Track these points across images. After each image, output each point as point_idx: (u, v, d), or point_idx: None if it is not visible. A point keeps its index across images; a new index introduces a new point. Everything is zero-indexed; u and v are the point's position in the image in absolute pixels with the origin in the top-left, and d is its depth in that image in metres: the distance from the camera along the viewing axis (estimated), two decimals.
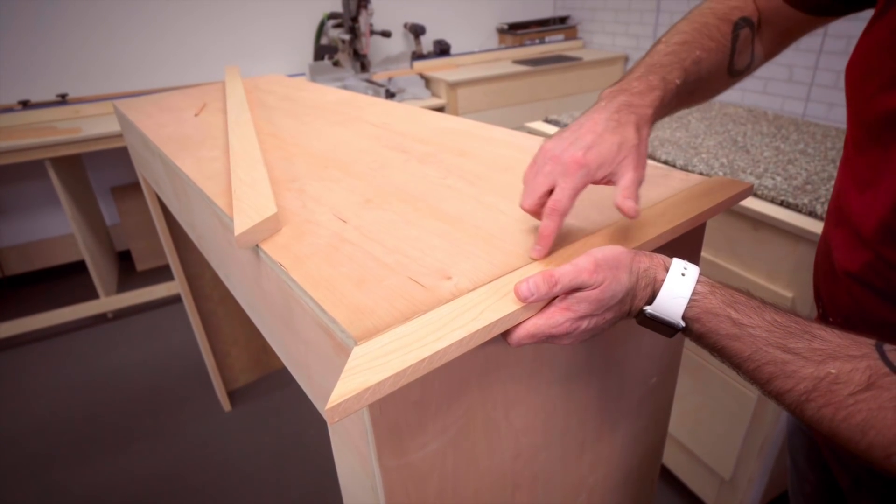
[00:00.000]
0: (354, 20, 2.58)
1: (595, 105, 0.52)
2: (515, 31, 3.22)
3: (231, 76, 1.51)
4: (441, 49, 3.04)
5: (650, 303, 0.44)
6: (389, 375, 0.36)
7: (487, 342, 0.43)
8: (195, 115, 1.18)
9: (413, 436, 0.45)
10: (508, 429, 0.54)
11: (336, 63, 2.72)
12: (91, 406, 1.88)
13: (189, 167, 0.82)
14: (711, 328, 0.42)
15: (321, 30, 2.80)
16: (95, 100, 2.35)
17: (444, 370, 0.44)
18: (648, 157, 1.28)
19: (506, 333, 0.44)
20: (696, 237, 0.67)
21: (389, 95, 2.50)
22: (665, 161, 1.24)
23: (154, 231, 2.55)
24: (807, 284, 0.99)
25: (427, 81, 2.79)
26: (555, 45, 3.24)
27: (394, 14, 2.98)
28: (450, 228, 0.58)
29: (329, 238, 0.57)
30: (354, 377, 0.36)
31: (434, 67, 2.90)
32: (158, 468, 1.62)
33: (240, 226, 0.55)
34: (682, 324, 0.43)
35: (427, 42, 3.11)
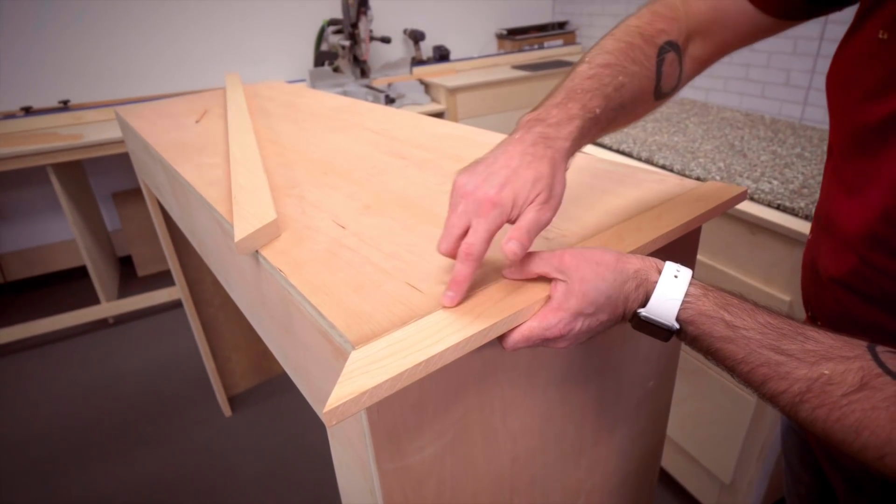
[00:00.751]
0: (354, 26, 2.60)
1: (511, 135, 0.50)
2: (514, 37, 3.24)
3: (232, 83, 1.52)
4: (440, 55, 3.06)
5: (644, 306, 0.44)
6: (386, 379, 0.37)
7: (484, 346, 0.44)
8: (196, 122, 1.19)
9: (411, 439, 0.46)
10: (506, 432, 0.54)
11: (336, 69, 2.73)
12: (92, 411, 1.88)
13: (190, 173, 0.83)
14: (705, 330, 0.42)
15: (321, 36, 2.82)
16: (97, 106, 2.36)
17: (442, 374, 0.45)
18: (646, 161, 1.29)
19: (501, 337, 0.45)
20: (692, 241, 0.68)
21: (389, 101, 2.51)
22: (662, 165, 1.25)
23: (155, 236, 2.55)
24: None
25: (426, 87, 2.81)
26: (554, 51, 3.26)
27: (393, 20, 3.00)
28: None
29: (328, 244, 0.58)
30: (352, 381, 0.37)
31: (433, 73, 2.91)
32: (159, 474, 1.62)
33: (240, 232, 0.56)
34: (677, 326, 0.43)
35: (427, 48, 3.13)
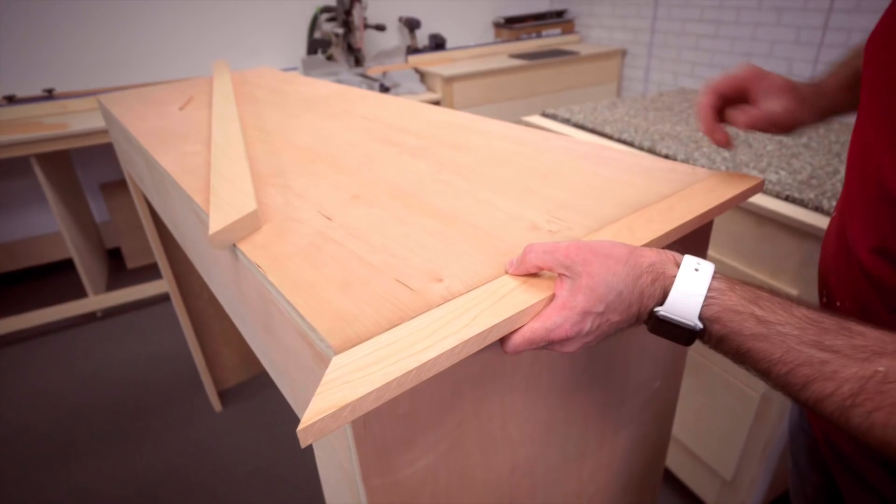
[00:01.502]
0: (348, 14, 2.53)
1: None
2: (512, 25, 3.18)
3: (219, 69, 1.46)
4: (436, 43, 3.00)
5: (661, 304, 0.40)
6: (372, 390, 0.33)
7: (483, 349, 0.39)
8: (180, 109, 1.13)
9: (401, 452, 0.42)
10: (505, 441, 0.50)
11: (330, 57, 2.67)
12: (79, 407, 1.84)
13: (169, 161, 0.78)
14: (733, 329, 0.37)
15: (314, 23, 2.75)
16: (83, 95, 2.30)
17: (436, 380, 0.41)
18: (649, 151, 1.25)
19: (502, 340, 0.41)
20: (703, 235, 0.63)
21: (384, 90, 2.46)
22: (665, 155, 1.21)
23: (144, 228, 2.50)
24: (812, 281, 0.96)
25: (422, 76, 2.75)
26: (552, 40, 3.20)
27: (388, 8, 2.93)
28: (442, 226, 0.54)
29: (312, 237, 0.53)
30: (332, 393, 0.32)
31: (429, 62, 2.85)
32: (148, 470, 1.58)
33: (215, 224, 0.51)
34: (700, 325, 0.38)
35: (422, 36, 3.07)
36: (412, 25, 2.90)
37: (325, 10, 2.71)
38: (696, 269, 0.39)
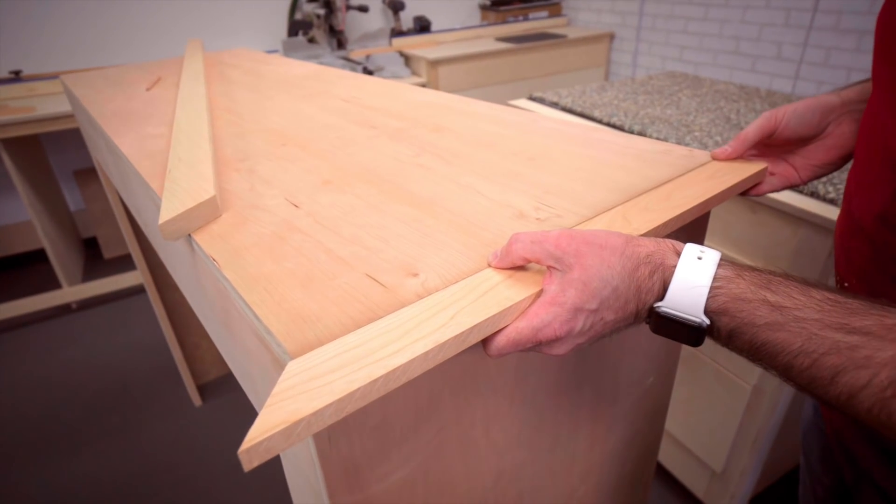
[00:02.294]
0: None
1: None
2: (498, 8, 3.10)
3: (192, 49, 1.39)
4: (421, 26, 2.92)
5: (662, 299, 0.36)
6: (331, 402, 0.28)
7: (464, 351, 0.35)
8: (146, 90, 1.07)
9: (373, 466, 0.38)
10: (489, 447, 0.46)
11: (311, 40, 2.58)
12: (53, 402, 1.78)
13: (128, 145, 0.72)
14: (744, 319, 0.33)
15: (295, 4, 2.66)
16: (52, 77, 2.20)
17: (411, 386, 0.36)
18: (639, 135, 1.20)
19: (485, 342, 0.37)
20: (700, 225, 0.59)
21: (367, 73, 2.38)
22: (656, 139, 1.17)
23: None
24: (808, 269, 0.93)
25: (407, 59, 2.68)
26: (539, 23, 3.14)
27: None
28: (419, 214, 0.49)
29: (276, 226, 0.48)
30: (283, 405, 0.28)
31: (414, 45, 2.78)
32: (125, 467, 1.53)
33: (167, 212, 0.46)
34: (706, 320, 0.34)
35: (406, 18, 2.98)
36: (396, 7, 2.82)
37: None
38: (700, 258, 0.35)
